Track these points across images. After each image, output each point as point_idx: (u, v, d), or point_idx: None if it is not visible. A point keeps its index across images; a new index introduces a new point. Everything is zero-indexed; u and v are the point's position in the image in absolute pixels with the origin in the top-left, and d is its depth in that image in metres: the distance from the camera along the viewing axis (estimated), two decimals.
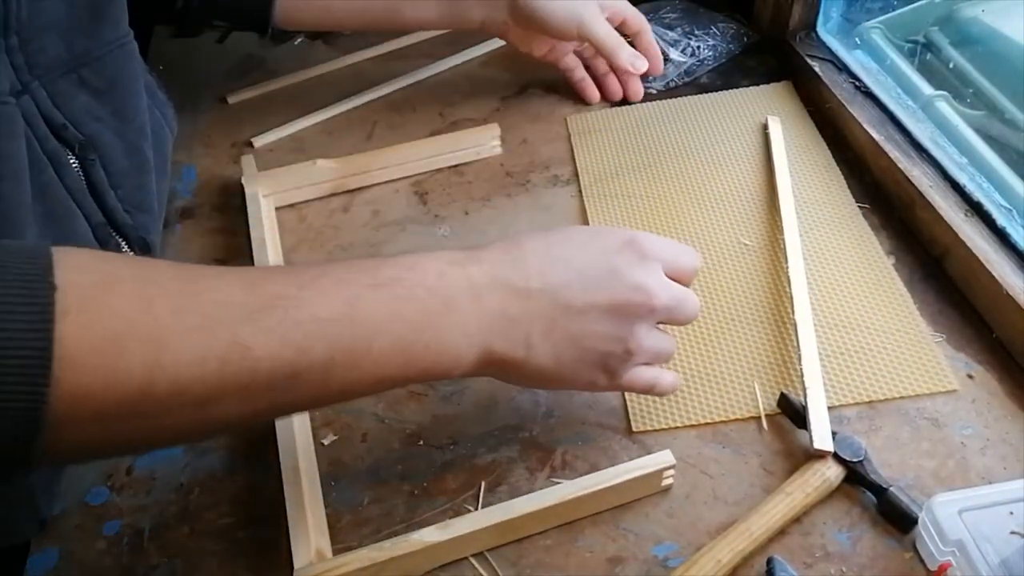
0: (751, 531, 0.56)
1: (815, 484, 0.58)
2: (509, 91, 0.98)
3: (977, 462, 0.61)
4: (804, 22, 0.94)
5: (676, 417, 0.65)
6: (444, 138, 0.90)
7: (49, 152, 0.58)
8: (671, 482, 0.61)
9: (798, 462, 0.61)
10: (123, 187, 0.64)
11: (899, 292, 0.71)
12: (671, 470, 0.60)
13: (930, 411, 0.64)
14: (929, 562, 0.55)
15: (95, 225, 0.61)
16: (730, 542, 0.56)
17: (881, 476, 0.58)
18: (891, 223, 0.78)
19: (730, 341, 0.69)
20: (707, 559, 0.55)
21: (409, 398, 0.68)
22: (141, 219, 0.66)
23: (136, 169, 0.66)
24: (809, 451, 0.59)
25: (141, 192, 0.67)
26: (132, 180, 0.65)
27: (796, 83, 0.93)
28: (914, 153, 0.79)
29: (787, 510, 0.57)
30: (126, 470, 0.64)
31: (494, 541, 0.58)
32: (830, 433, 0.60)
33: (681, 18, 1.00)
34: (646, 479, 0.59)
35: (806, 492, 0.58)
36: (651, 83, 0.95)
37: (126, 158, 0.64)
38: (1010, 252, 0.69)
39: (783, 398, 0.63)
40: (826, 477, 0.59)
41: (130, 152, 0.65)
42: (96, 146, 0.61)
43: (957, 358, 0.67)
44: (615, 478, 0.58)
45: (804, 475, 0.59)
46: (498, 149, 0.89)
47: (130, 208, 0.65)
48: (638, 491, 0.60)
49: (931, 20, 0.91)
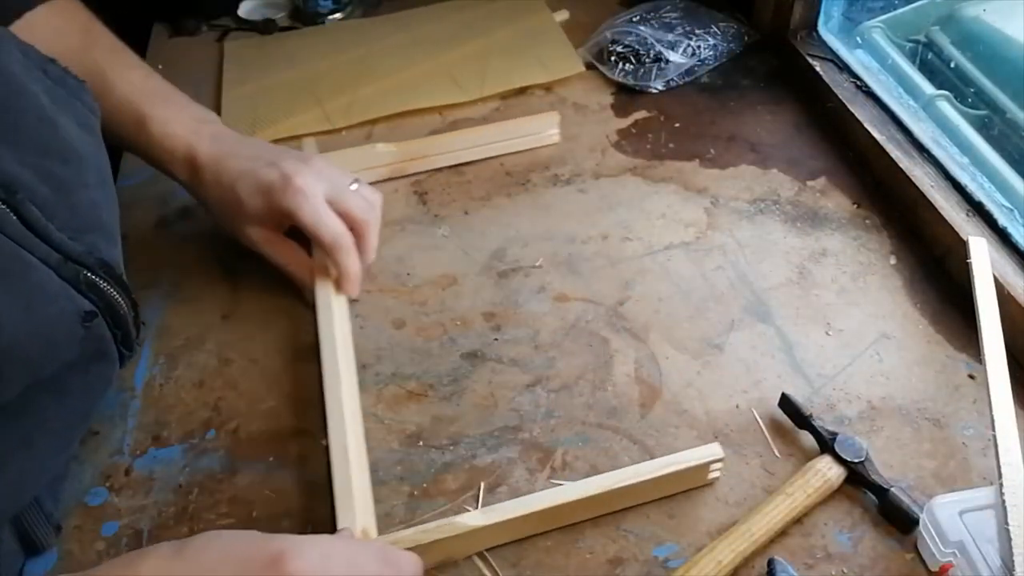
0: (752, 532, 0.56)
1: (816, 485, 0.58)
2: (509, 91, 0.98)
3: (978, 463, 0.60)
4: (805, 21, 0.94)
5: None
6: (504, 125, 0.89)
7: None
8: (718, 475, 0.60)
9: (799, 463, 0.61)
10: (55, 216, 0.56)
11: None
12: (719, 463, 0.59)
13: (931, 411, 0.64)
14: (930, 563, 0.55)
15: (55, 266, 0.55)
16: (731, 543, 0.56)
17: (882, 477, 0.58)
18: (892, 223, 0.78)
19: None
20: (708, 560, 0.55)
21: (409, 398, 0.68)
22: (91, 240, 0.59)
23: (56, 189, 0.57)
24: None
25: (75, 211, 0.58)
26: (60, 203, 0.57)
27: (797, 83, 0.93)
28: (915, 153, 0.79)
29: (788, 511, 0.57)
30: (124, 471, 0.64)
31: (536, 528, 0.58)
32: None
33: (681, 18, 1.00)
34: (693, 472, 0.59)
35: (807, 493, 0.58)
36: (652, 83, 0.95)
37: (42, 184, 0.56)
38: (1011, 252, 0.69)
39: (784, 398, 0.63)
40: (827, 478, 0.59)
41: (42, 175, 0.56)
42: (12, 181, 0.53)
43: (958, 358, 0.67)
44: (662, 468, 0.58)
45: (805, 476, 0.59)
46: (556, 138, 0.89)
47: (74, 234, 0.57)
48: (683, 483, 0.60)
49: (932, 19, 0.91)
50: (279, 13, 1.11)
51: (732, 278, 0.75)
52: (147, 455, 0.65)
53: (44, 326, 0.53)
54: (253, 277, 0.78)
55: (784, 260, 0.76)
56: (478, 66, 0.99)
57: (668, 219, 0.81)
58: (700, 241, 0.79)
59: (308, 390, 0.69)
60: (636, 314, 0.73)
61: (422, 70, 1.00)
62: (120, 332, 0.59)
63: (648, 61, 0.96)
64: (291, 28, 1.10)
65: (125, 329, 0.60)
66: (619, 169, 0.87)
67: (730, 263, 0.77)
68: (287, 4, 1.12)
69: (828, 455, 0.60)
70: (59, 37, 0.69)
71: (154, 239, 0.83)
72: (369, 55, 1.03)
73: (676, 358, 0.69)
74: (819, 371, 0.68)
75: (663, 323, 0.72)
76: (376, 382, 0.69)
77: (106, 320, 0.58)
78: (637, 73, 0.96)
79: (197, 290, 0.78)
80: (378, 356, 0.71)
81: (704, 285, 0.75)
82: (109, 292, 0.58)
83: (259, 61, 1.03)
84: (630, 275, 0.76)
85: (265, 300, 0.76)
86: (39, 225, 0.55)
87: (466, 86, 0.95)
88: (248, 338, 0.73)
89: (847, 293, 0.73)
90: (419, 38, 1.05)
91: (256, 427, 0.67)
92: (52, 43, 0.65)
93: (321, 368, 0.66)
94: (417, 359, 0.70)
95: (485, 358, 0.70)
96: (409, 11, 1.11)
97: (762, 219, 0.80)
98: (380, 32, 1.07)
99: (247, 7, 1.12)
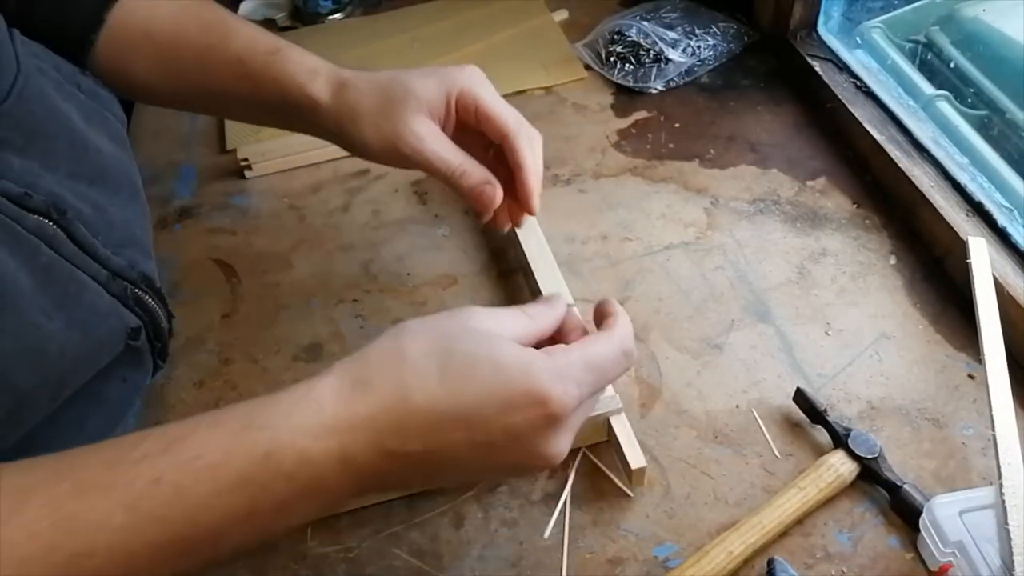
0: (763, 524, 0.56)
1: (828, 480, 0.58)
2: (509, 91, 0.98)
3: (978, 463, 0.61)
4: (805, 21, 0.94)
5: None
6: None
7: (33, 229, 0.51)
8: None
9: (799, 463, 0.61)
10: (99, 232, 0.56)
11: None
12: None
13: (931, 411, 0.64)
14: (930, 563, 0.55)
15: (104, 283, 0.55)
16: (742, 535, 0.56)
17: (895, 474, 0.58)
18: (892, 223, 0.78)
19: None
20: (719, 550, 0.55)
21: None
22: (130, 254, 0.59)
23: (94, 207, 0.57)
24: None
25: (112, 227, 0.58)
26: (99, 220, 0.57)
27: (797, 83, 0.93)
28: (915, 153, 0.79)
29: (800, 504, 0.57)
30: None
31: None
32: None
33: (681, 18, 1.00)
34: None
35: (819, 487, 0.58)
36: (651, 84, 0.95)
37: (81, 203, 0.56)
38: (1011, 252, 0.69)
39: (799, 393, 0.63)
40: (839, 473, 0.59)
41: (79, 195, 0.56)
42: (59, 201, 0.53)
43: (958, 358, 0.67)
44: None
45: (818, 470, 0.59)
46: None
47: (116, 250, 0.57)
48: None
49: (932, 20, 0.91)
50: (279, 13, 1.11)
51: (732, 278, 0.75)
52: None
53: (95, 345, 0.54)
54: (253, 277, 0.78)
55: (784, 260, 0.76)
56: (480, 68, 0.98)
57: (668, 219, 0.81)
58: (700, 241, 0.79)
59: None
60: (636, 314, 0.72)
61: None
62: (160, 344, 0.60)
63: (648, 61, 0.96)
64: (291, 28, 1.10)
65: (164, 341, 0.61)
66: (619, 169, 0.87)
67: (730, 263, 0.77)
68: (287, 4, 1.12)
69: (842, 450, 0.60)
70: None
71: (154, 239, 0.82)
72: (369, 55, 1.03)
73: (676, 358, 0.69)
74: (819, 371, 0.68)
75: (663, 323, 0.72)
76: None
77: (148, 334, 0.58)
78: (637, 73, 0.96)
79: (197, 290, 0.78)
80: None
81: (704, 285, 0.75)
82: (152, 306, 0.59)
83: None
84: (630, 275, 0.76)
85: (265, 300, 0.77)
86: (87, 243, 0.54)
87: None
88: (248, 338, 0.73)
89: (847, 293, 0.73)
90: (419, 38, 1.05)
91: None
92: (160, 3, 0.67)
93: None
94: None
95: None
96: (409, 11, 1.11)
97: (762, 219, 0.80)
98: (380, 32, 1.07)
99: (247, 7, 1.12)
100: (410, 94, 0.63)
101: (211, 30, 0.67)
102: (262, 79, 0.66)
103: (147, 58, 0.68)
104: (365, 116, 0.64)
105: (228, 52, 0.66)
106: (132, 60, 0.68)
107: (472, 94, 0.63)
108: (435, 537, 0.59)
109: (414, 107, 0.63)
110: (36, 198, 0.51)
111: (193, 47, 0.67)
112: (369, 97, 0.64)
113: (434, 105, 0.63)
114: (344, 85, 0.65)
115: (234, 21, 0.69)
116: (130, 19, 0.67)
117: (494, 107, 0.63)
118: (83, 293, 0.53)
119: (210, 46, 0.67)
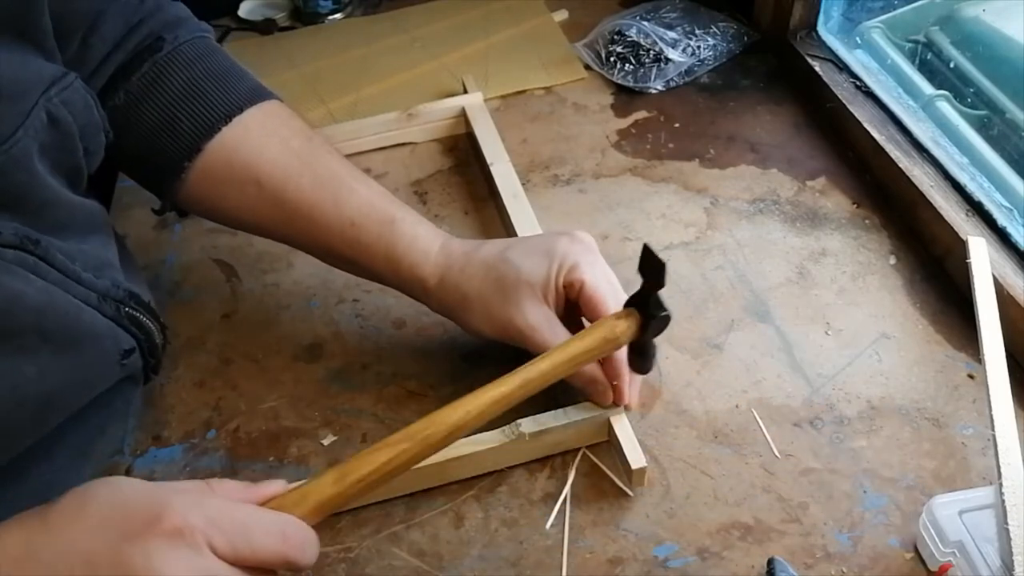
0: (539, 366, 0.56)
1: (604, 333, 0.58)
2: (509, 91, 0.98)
3: (978, 463, 0.61)
4: (805, 21, 0.94)
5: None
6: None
7: (14, 260, 0.50)
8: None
9: (799, 462, 0.61)
10: (76, 259, 0.54)
11: None
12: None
13: (931, 411, 0.64)
14: (930, 563, 0.55)
15: (96, 305, 0.54)
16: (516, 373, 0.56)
17: None
18: (892, 223, 0.78)
19: None
20: None
21: (409, 398, 0.68)
22: (111, 275, 0.58)
23: (64, 239, 0.55)
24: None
25: (85, 253, 0.56)
26: (73, 247, 0.55)
27: (796, 83, 0.93)
28: (915, 153, 0.79)
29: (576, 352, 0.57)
30: (125, 470, 0.64)
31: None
32: None
33: (681, 18, 1.00)
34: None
35: None
36: (651, 84, 0.95)
37: (52, 236, 0.54)
38: (1010, 252, 0.69)
39: (646, 250, 0.57)
40: None
41: (47, 230, 0.54)
42: (29, 234, 0.51)
43: (957, 358, 0.67)
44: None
45: None
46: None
47: (97, 273, 0.56)
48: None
49: (932, 20, 0.91)
50: (279, 13, 1.11)
51: (732, 278, 0.75)
52: (148, 455, 0.65)
53: (88, 372, 0.54)
54: (253, 277, 0.78)
55: (784, 260, 0.76)
56: (481, 68, 0.99)
57: (668, 219, 0.81)
58: (700, 241, 0.79)
59: (308, 390, 0.69)
60: None
61: (424, 70, 1.00)
62: (153, 360, 0.60)
63: (648, 61, 0.96)
64: (291, 28, 1.10)
65: (158, 357, 0.61)
66: (619, 169, 0.87)
67: (730, 263, 0.77)
68: (287, 4, 1.12)
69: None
70: (277, 139, 0.65)
71: (154, 239, 0.83)
72: (369, 55, 1.03)
73: (676, 358, 0.69)
74: (819, 371, 0.68)
75: None
76: (376, 382, 0.69)
77: (142, 351, 0.58)
78: (637, 73, 0.96)
79: (197, 290, 0.78)
80: (378, 356, 0.71)
81: (704, 285, 0.75)
82: (147, 324, 0.58)
83: (259, 61, 1.03)
84: (630, 275, 0.76)
85: (265, 300, 0.77)
86: (69, 269, 0.53)
87: (470, 88, 0.95)
88: (248, 338, 0.73)
89: (847, 293, 0.73)
90: (419, 38, 1.05)
91: (256, 427, 0.67)
92: (270, 145, 0.64)
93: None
94: (417, 359, 0.70)
95: (486, 358, 0.70)
96: (409, 11, 1.11)
97: (762, 219, 0.80)
98: (380, 32, 1.07)
99: (247, 7, 1.12)
100: (521, 280, 0.62)
101: (325, 186, 0.64)
102: (373, 250, 0.65)
103: (249, 197, 0.65)
104: (475, 302, 0.63)
105: (340, 215, 0.64)
106: (228, 195, 0.65)
107: (577, 274, 0.62)
108: (435, 537, 0.59)
109: (527, 293, 0.62)
110: (6, 234, 0.50)
111: (304, 201, 0.64)
112: (478, 280, 0.63)
113: (545, 287, 0.62)
114: (453, 268, 0.64)
115: (348, 178, 0.66)
116: (234, 155, 0.64)
117: (596, 291, 0.61)
118: (80, 315, 0.53)
119: (321, 203, 0.64)
